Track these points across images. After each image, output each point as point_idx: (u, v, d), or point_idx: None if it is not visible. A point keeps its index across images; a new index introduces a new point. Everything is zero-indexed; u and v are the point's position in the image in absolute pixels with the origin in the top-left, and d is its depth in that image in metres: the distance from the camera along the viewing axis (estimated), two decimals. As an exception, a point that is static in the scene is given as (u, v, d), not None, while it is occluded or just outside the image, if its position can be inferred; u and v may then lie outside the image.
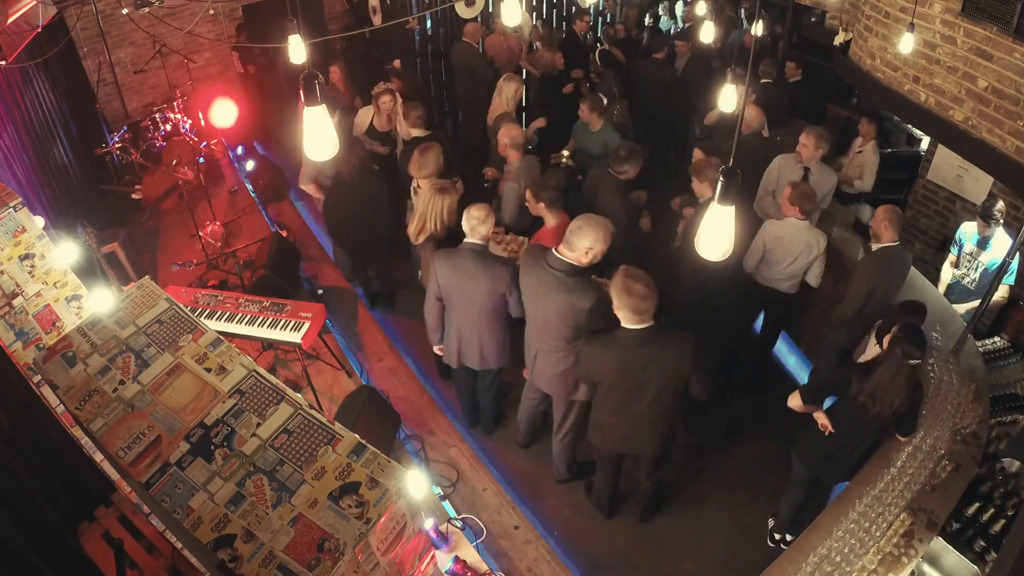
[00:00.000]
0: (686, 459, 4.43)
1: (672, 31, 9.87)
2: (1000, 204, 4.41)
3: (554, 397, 3.95)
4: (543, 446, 4.67)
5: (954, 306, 4.51)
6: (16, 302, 3.08)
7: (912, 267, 4.54)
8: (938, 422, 3.42)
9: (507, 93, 5.94)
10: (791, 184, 4.27)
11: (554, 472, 4.38)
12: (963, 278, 4.75)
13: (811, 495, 3.73)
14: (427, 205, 4.18)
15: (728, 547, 4.05)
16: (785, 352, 5.44)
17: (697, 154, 5.13)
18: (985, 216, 4.42)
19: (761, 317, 4.91)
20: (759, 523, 4.13)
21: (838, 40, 6.26)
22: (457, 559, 3.15)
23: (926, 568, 2.95)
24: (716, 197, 2.09)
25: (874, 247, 4.12)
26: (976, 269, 4.65)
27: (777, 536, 4.01)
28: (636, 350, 3.17)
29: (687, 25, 9.00)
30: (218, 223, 6.24)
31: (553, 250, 3.42)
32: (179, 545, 3.09)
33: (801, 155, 4.84)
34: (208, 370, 2.65)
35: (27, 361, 3.00)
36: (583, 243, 3.32)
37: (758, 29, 5.83)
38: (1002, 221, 4.45)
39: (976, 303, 4.28)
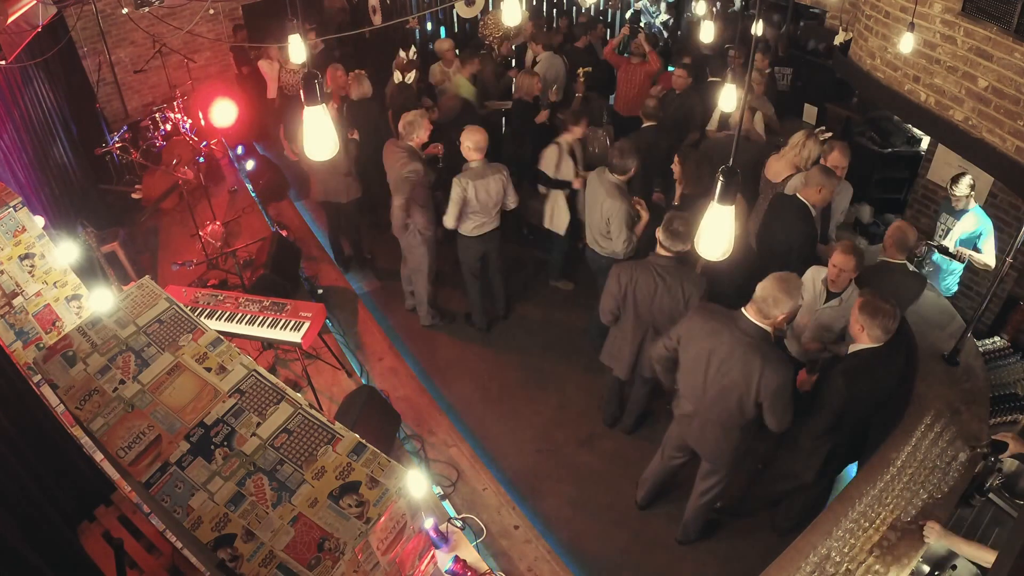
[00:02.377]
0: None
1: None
2: (967, 178, 4.55)
3: (710, 464, 3.60)
4: (543, 444, 4.68)
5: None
6: (16, 302, 3.08)
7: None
8: (938, 423, 3.42)
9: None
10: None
11: (679, 532, 4.05)
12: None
13: None
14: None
15: (728, 547, 4.05)
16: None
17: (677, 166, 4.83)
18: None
19: None
20: (759, 523, 4.13)
21: (838, 40, 6.26)
22: (457, 559, 3.16)
23: (926, 568, 2.95)
24: (716, 197, 2.10)
25: (878, 258, 4.04)
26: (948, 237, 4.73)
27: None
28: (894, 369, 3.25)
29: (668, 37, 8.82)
30: (218, 223, 6.24)
31: (744, 312, 3.12)
32: (179, 545, 3.09)
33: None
34: (208, 369, 2.65)
35: (27, 361, 3.00)
36: (779, 310, 3.02)
37: (758, 29, 5.81)
38: (969, 195, 4.58)
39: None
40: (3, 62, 4.12)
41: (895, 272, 3.95)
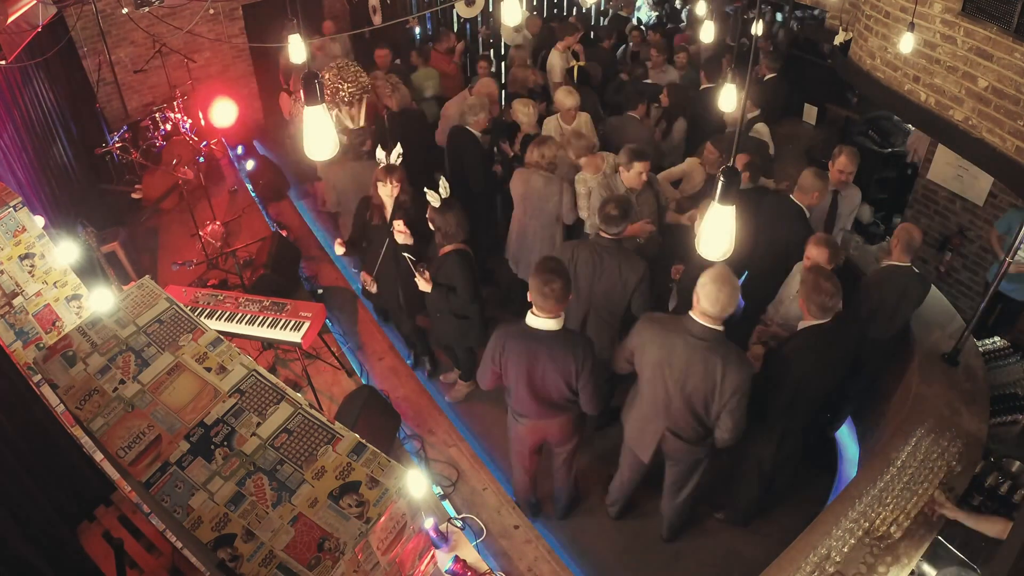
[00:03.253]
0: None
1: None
2: None
3: (678, 465, 3.64)
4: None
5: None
6: (16, 302, 3.08)
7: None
8: (938, 423, 3.42)
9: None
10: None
11: (663, 532, 4.08)
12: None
13: None
14: None
15: (728, 547, 4.05)
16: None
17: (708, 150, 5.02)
18: None
19: None
20: (759, 523, 4.13)
21: (838, 40, 6.27)
22: (457, 559, 3.16)
23: (926, 568, 2.95)
24: (716, 197, 2.10)
25: (884, 262, 4.02)
26: None
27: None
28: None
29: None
30: (218, 222, 6.24)
31: (693, 317, 3.10)
32: (179, 544, 3.09)
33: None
34: (208, 369, 2.65)
35: (27, 361, 3.00)
36: (728, 312, 3.02)
37: (758, 28, 5.82)
38: None
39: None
40: (3, 62, 4.12)
41: (902, 275, 3.91)
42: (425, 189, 4.05)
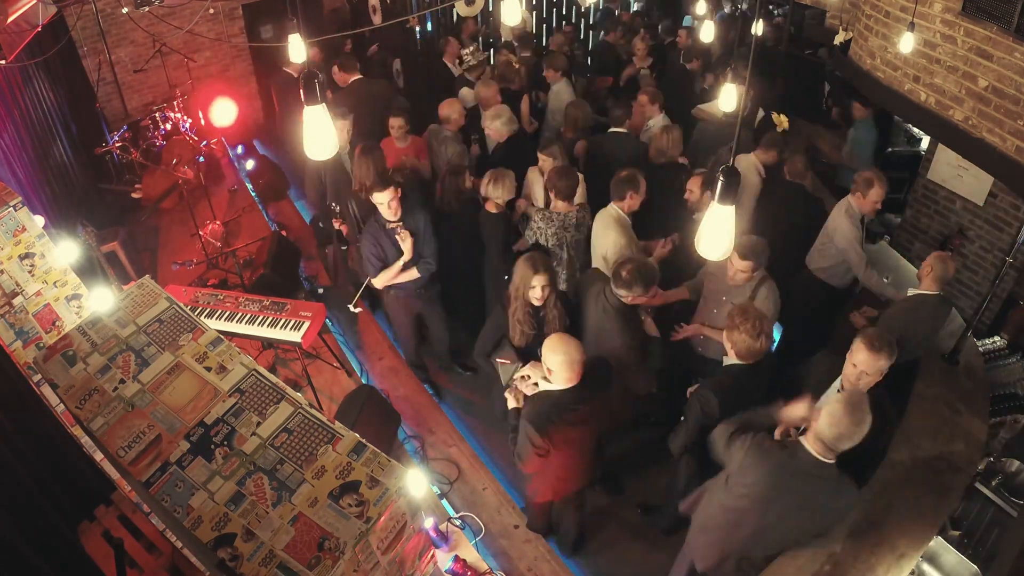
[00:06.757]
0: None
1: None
2: None
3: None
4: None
5: None
6: (16, 301, 3.08)
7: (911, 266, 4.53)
8: (938, 423, 3.42)
9: None
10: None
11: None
12: None
13: None
14: None
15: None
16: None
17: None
18: None
19: None
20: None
21: (838, 39, 6.27)
22: (457, 558, 3.16)
23: (926, 568, 2.95)
24: (716, 196, 2.10)
25: (910, 292, 3.73)
26: None
27: None
28: None
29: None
30: (218, 222, 6.24)
31: (804, 444, 2.59)
32: (179, 544, 3.09)
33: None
34: (208, 369, 2.65)
35: (27, 360, 3.00)
36: (849, 444, 2.49)
37: (758, 28, 5.81)
38: None
39: None
40: (3, 62, 4.12)
41: (932, 305, 3.64)
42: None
